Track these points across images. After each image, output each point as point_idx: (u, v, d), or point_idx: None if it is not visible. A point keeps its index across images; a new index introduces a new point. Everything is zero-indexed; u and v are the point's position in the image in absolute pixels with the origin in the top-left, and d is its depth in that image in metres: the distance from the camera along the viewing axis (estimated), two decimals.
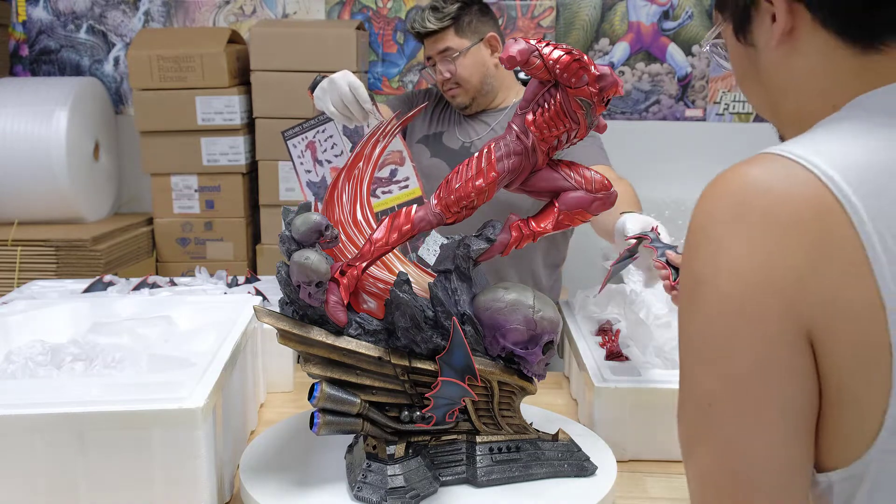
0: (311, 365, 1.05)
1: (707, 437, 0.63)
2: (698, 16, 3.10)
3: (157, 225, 2.94)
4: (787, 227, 0.59)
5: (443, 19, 1.82)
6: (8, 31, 3.19)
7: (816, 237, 0.58)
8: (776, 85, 0.73)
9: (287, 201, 2.83)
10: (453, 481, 1.09)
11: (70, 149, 2.72)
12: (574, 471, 1.12)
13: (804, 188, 0.59)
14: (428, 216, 1.06)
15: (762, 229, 0.59)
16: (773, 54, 0.71)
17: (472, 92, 1.87)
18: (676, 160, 3.13)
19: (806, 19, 0.68)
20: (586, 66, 0.97)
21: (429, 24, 1.83)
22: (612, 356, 1.38)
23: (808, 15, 0.68)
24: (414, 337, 1.03)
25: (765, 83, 0.74)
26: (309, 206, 1.08)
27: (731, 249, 0.60)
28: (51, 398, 1.03)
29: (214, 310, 1.43)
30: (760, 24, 0.72)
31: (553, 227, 1.07)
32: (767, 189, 0.60)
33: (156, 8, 3.18)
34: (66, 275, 2.56)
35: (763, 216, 0.60)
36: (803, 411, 0.61)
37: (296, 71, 2.81)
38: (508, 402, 1.11)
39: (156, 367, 1.20)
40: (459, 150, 1.89)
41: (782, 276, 0.58)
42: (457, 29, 1.84)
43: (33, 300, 1.52)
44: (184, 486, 1.03)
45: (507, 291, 1.07)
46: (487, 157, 1.04)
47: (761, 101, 0.77)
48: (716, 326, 0.61)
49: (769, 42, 0.71)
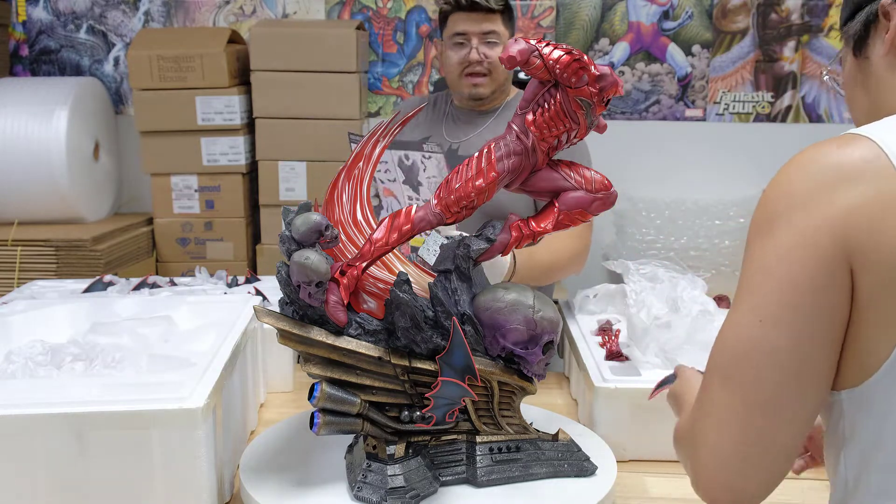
0: (311, 365, 1.05)
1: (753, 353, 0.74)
2: (698, 16, 3.10)
3: (157, 225, 2.94)
4: (848, 178, 0.72)
5: (499, 2, 1.79)
6: (8, 31, 3.19)
7: (870, 185, 0.71)
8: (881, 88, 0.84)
9: (287, 201, 2.83)
10: (453, 481, 1.09)
11: (70, 149, 2.72)
12: (574, 471, 1.12)
13: (865, 151, 0.73)
14: (428, 216, 1.06)
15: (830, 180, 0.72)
16: (882, 62, 0.84)
17: (496, 84, 1.82)
18: (676, 160, 3.13)
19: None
20: (586, 66, 0.97)
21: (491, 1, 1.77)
22: (612, 356, 1.38)
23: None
24: (414, 337, 1.03)
25: (871, 91, 0.86)
26: (309, 206, 1.08)
27: (804, 197, 0.73)
28: (51, 398, 1.03)
29: (214, 310, 1.43)
30: (875, 39, 0.84)
31: (553, 227, 1.07)
32: (838, 152, 0.74)
33: (156, 8, 3.18)
34: (66, 275, 2.56)
35: (832, 170, 0.73)
36: (835, 325, 0.73)
37: (296, 71, 2.81)
38: (508, 402, 1.11)
39: (156, 367, 1.20)
40: (447, 152, 1.86)
41: (837, 213, 0.71)
42: (504, 17, 1.81)
43: (33, 300, 1.52)
44: (184, 486, 1.03)
45: (507, 291, 1.08)
46: (487, 157, 1.04)
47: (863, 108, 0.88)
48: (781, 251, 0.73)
49: (880, 52, 0.84)
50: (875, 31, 0.84)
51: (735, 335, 0.76)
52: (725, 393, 0.75)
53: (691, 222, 2.93)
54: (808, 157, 0.76)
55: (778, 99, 3.14)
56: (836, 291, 0.72)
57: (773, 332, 0.73)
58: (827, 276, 0.71)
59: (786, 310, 0.72)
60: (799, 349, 0.72)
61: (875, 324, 0.71)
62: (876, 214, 0.70)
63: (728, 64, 3.14)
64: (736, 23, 3.11)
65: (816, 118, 3.15)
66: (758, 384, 0.73)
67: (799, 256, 0.72)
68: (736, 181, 2.97)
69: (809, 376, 0.73)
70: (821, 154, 0.75)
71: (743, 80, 3.14)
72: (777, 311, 0.73)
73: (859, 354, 0.73)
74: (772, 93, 3.14)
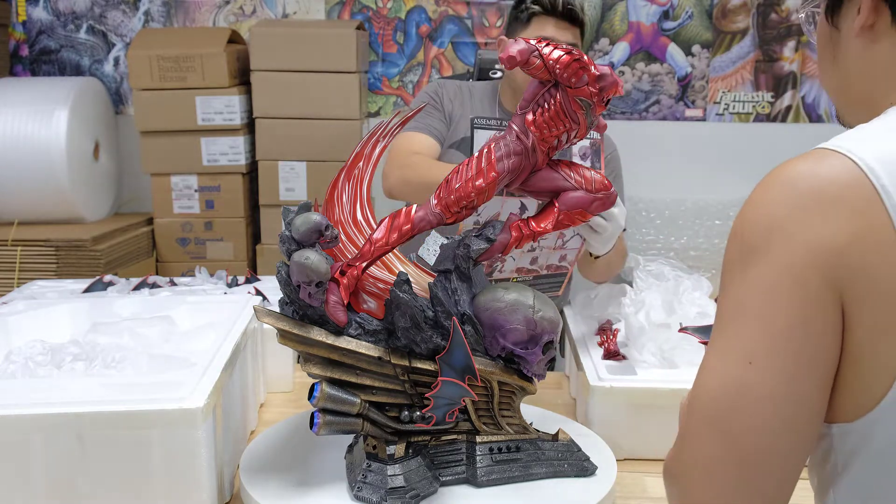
0: (311, 365, 1.05)
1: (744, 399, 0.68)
2: (698, 16, 3.10)
3: (157, 225, 2.94)
4: (831, 205, 0.67)
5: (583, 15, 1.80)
6: (8, 31, 3.19)
7: (855, 217, 0.66)
8: (849, 70, 0.79)
9: (287, 201, 2.83)
10: (453, 481, 1.09)
11: (70, 149, 2.72)
12: (574, 471, 1.12)
13: (847, 175, 0.67)
14: (428, 216, 1.06)
15: (809, 207, 0.67)
16: (852, 42, 0.78)
17: None
18: (676, 160, 3.13)
19: (886, 18, 0.75)
20: (586, 66, 0.97)
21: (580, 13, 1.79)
22: (610, 355, 1.38)
23: (888, 14, 0.74)
24: (414, 337, 1.03)
25: (839, 65, 0.81)
26: (309, 206, 1.08)
27: (782, 225, 0.68)
28: (51, 398, 1.03)
29: (214, 310, 1.43)
30: (848, 12, 0.78)
31: (553, 227, 1.07)
32: (814, 174, 0.69)
33: (156, 8, 3.18)
34: (66, 275, 2.56)
35: (810, 195, 0.68)
36: (829, 365, 0.68)
37: (296, 71, 2.81)
38: (508, 402, 1.11)
39: (156, 367, 1.20)
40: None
41: (825, 248, 0.66)
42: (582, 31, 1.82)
43: (33, 300, 1.52)
44: (184, 486, 1.03)
45: (507, 291, 1.08)
46: (487, 156, 1.04)
47: (832, 82, 0.84)
48: (764, 287, 0.68)
49: (850, 30, 0.78)
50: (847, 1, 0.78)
51: (721, 380, 0.69)
52: (713, 444, 0.69)
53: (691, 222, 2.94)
54: (782, 181, 0.70)
55: (778, 99, 3.14)
56: (828, 330, 0.67)
57: (765, 375, 0.67)
58: (818, 315, 0.67)
59: (777, 352, 0.67)
60: (794, 393, 0.67)
61: (871, 361, 0.67)
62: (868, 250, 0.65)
63: (728, 64, 3.14)
64: (736, 23, 3.11)
65: (816, 118, 3.15)
66: (750, 433, 0.68)
67: (786, 295, 0.67)
68: (736, 181, 2.96)
69: (805, 420, 0.68)
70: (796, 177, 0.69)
71: (743, 81, 3.14)
72: (768, 354, 0.67)
73: (852, 390, 0.69)
74: (772, 93, 3.14)
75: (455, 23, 3.16)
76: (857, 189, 0.67)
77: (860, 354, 0.68)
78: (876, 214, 0.66)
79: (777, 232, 0.68)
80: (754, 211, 0.71)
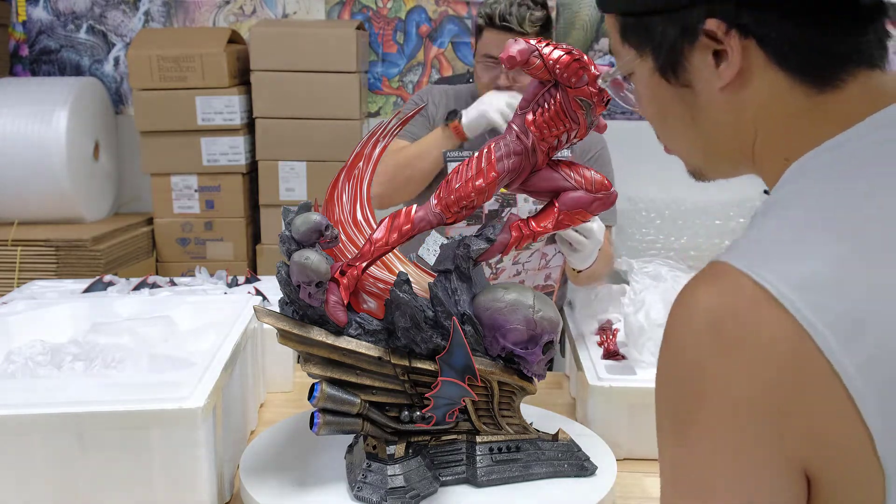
0: (311, 365, 1.05)
1: None
2: None
3: (157, 225, 2.94)
4: (763, 359, 0.56)
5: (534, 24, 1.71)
6: (8, 31, 3.19)
7: (792, 370, 0.56)
8: (718, 124, 0.68)
9: (287, 201, 2.83)
10: (453, 481, 1.09)
11: (70, 149, 2.72)
12: (574, 471, 1.12)
13: (771, 316, 0.56)
14: (428, 216, 1.06)
15: (739, 360, 0.57)
16: (716, 96, 0.66)
17: None
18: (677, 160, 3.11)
19: (759, 58, 0.64)
20: (586, 66, 0.98)
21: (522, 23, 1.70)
22: (609, 355, 1.38)
23: (761, 53, 0.63)
24: (414, 337, 1.03)
25: (702, 125, 0.70)
26: (309, 206, 1.08)
27: (714, 381, 0.58)
28: (51, 398, 1.03)
29: (214, 310, 1.43)
30: (700, 62, 0.66)
31: (553, 227, 1.07)
32: (734, 314, 0.57)
33: (156, 8, 3.17)
34: (66, 275, 2.56)
35: (737, 347, 0.57)
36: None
37: (296, 71, 2.81)
38: (508, 402, 1.11)
39: (156, 367, 1.20)
40: None
41: (767, 408, 0.56)
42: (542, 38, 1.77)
43: (33, 300, 1.52)
44: (184, 486, 1.03)
45: (507, 291, 1.08)
46: (487, 156, 1.04)
47: (692, 143, 0.73)
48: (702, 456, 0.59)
49: (713, 83, 0.66)
50: (692, 51, 0.66)
51: None
52: None
53: (691, 222, 2.93)
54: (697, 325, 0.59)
55: None
56: (796, 492, 0.58)
57: None
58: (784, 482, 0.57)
59: None
60: None
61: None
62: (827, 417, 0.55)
63: None
64: None
65: None
66: None
67: (747, 465, 0.57)
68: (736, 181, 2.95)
69: None
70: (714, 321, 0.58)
71: None
72: None
73: None
74: None
75: (455, 23, 3.16)
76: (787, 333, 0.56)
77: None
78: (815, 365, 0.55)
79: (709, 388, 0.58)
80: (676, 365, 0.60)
